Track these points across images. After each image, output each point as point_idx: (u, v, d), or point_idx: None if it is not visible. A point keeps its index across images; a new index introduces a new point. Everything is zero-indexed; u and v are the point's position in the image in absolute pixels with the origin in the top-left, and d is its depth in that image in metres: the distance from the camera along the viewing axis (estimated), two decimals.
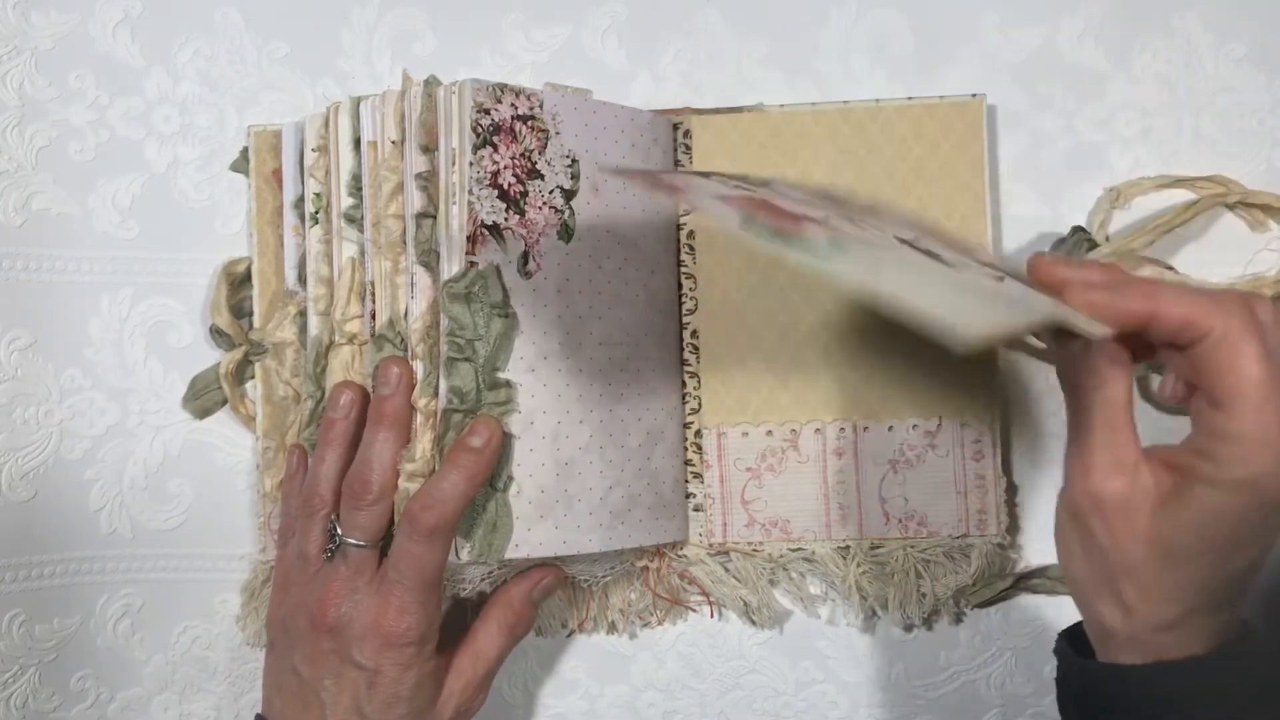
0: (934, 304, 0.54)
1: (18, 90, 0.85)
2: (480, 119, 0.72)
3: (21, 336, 0.84)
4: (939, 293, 0.57)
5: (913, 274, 0.58)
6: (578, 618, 0.85)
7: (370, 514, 0.72)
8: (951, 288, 0.58)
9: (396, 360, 0.74)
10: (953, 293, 0.57)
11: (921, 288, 0.56)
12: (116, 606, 0.85)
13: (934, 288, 0.57)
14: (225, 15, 0.88)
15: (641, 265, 0.80)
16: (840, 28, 0.86)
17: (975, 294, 0.58)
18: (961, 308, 0.55)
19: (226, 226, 0.87)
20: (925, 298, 0.55)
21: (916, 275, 0.58)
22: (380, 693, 0.71)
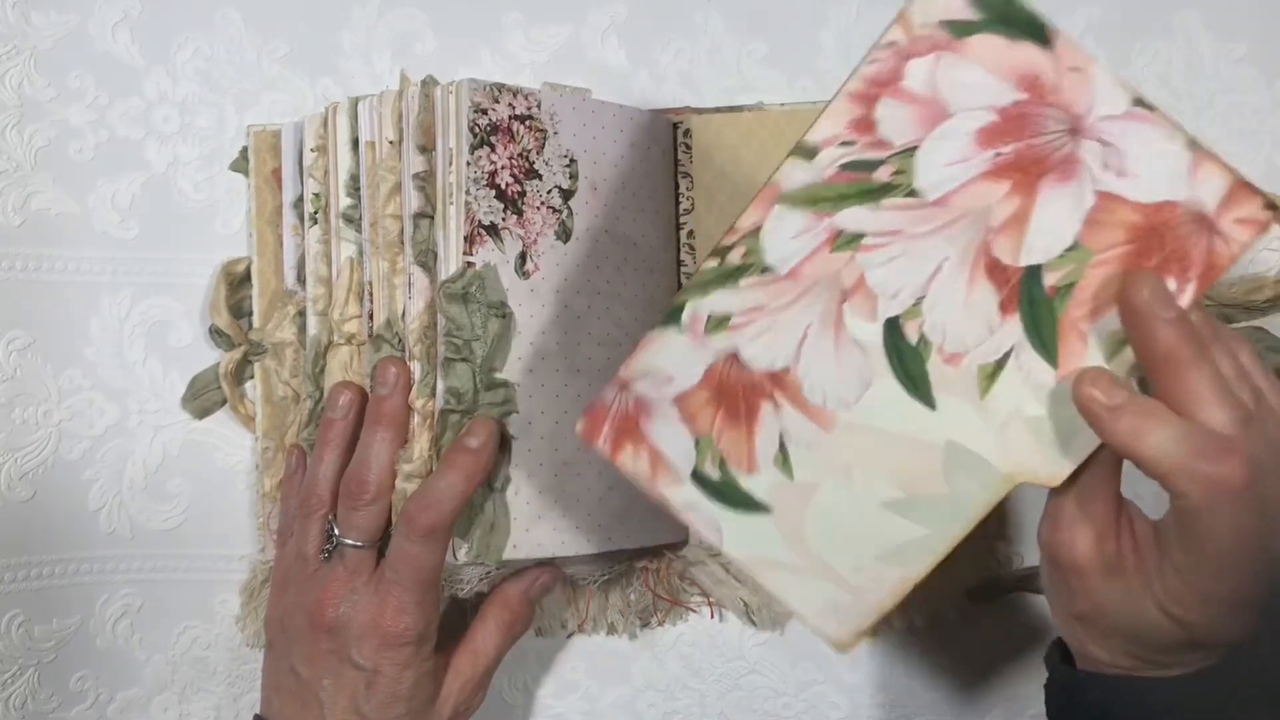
0: (804, 604, 0.65)
1: (17, 90, 0.85)
2: (477, 119, 0.72)
3: (20, 336, 0.84)
4: (815, 589, 0.65)
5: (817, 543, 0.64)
6: (578, 618, 0.85)
7: (367, 514, 0.71)
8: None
9: (394, 360, 0.73)
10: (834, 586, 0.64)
11: (805, 581, 0.64)
12: (116, 607, 0.85)
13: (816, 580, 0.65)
14: (225, 15, 0.87)
15: (641, 265, 0.80)
16: (841, 26, 0.86)
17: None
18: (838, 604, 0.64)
19: (226, 226, 0.87)
20: (799, 596, 0.65)
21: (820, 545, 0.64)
22: (379, 692, 0.71)
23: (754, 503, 0.64)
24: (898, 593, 0.64)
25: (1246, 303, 0.80)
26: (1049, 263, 0.60)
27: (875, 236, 0.61)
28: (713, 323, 0.64)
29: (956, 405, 0.62)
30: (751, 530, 0.64)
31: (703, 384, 0.64)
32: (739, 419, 0.64)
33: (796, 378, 0.63)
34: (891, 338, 0.62)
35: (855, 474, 0.63)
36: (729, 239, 0.63)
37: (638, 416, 0.65)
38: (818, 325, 0.62)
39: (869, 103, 0.60)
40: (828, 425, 0.63)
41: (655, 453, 0.65)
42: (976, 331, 0.61)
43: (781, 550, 0.64)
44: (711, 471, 0.64)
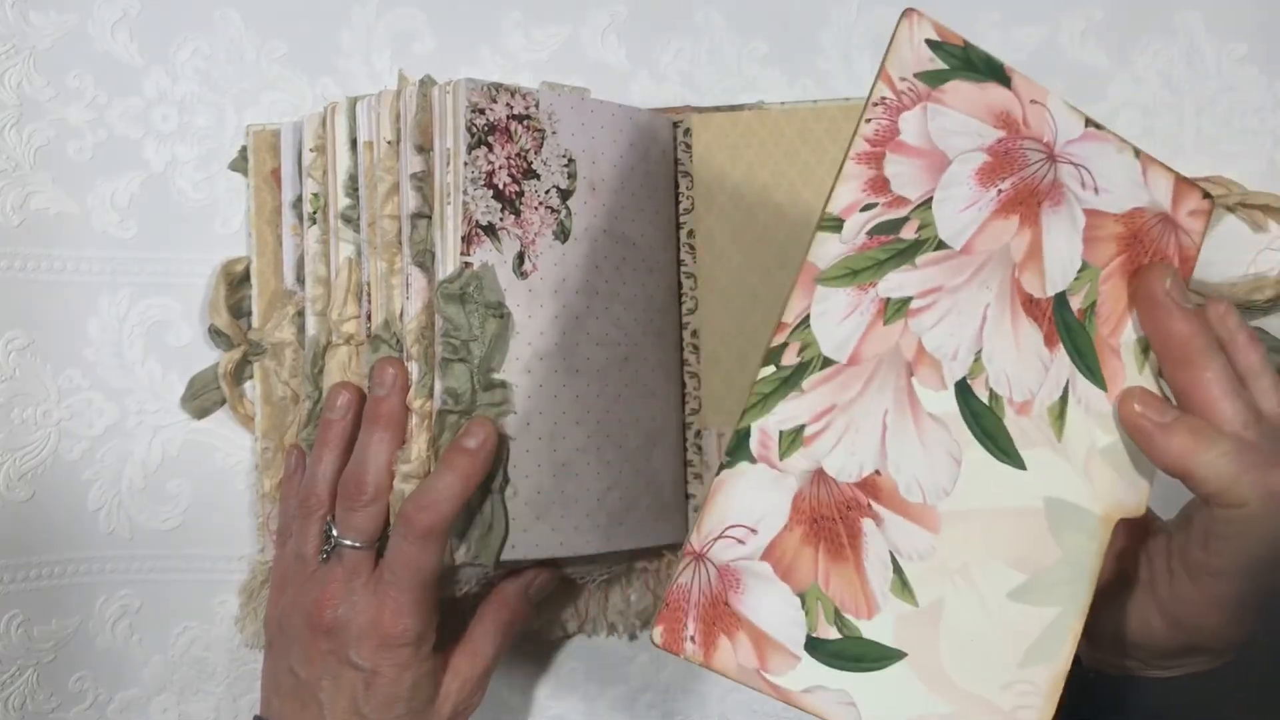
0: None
1: (16, 90, 0.85)
2: (475, 119, 0.72)
3: (20, 336, 0.84)
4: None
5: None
6: (577, 619, 0.85)
7: (365, 515, 0.71)
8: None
9: (392, 361, 0.73)
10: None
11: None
12: (115, 607, 0.85)
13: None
14: (224, 14, 0.87)
15: (640, 265, 0.79)
16: (841, 26, 0.86)
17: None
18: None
19: (225, 226, 0.87)
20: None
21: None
22: (378, 693, 0.71)
23: (884, 651, 0.57)
24: (1052, 698, 0.59)
25: (1247, 302, 0.80)
26: (1069, 287, 0.62)
27: (920, 297, 0.60)
28: (786, 440, 0.58)
29: (1042, 457, 0.60)
30: (889, 689, 0.57)
31: (793, 521, 0.57)
32: (843, 551, 0.57)
33: (890, 479, 0.58)
34: (965, 401, 0.60)
35: (974, 572, 0.59)
36: (778, 338, 0.58)
37: (725, 593, 0.56)
38: (894, 410, 0.59)
39: (877, 161, 0.60)
40: (934, 525, 0.59)
41: (757, 633, 0.56)
42: (1034, 372, 0.61)
43: (926, 699, 0.57)
44: (828, 631, 0.56)
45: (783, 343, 0.58)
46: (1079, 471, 0.61)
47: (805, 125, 0.84)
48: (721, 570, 0.56)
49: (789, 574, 0.56)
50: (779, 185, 0.83)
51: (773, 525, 0.57)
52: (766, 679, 0.55)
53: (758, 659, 0.55)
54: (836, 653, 0.56)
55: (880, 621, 0.57)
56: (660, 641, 0.55)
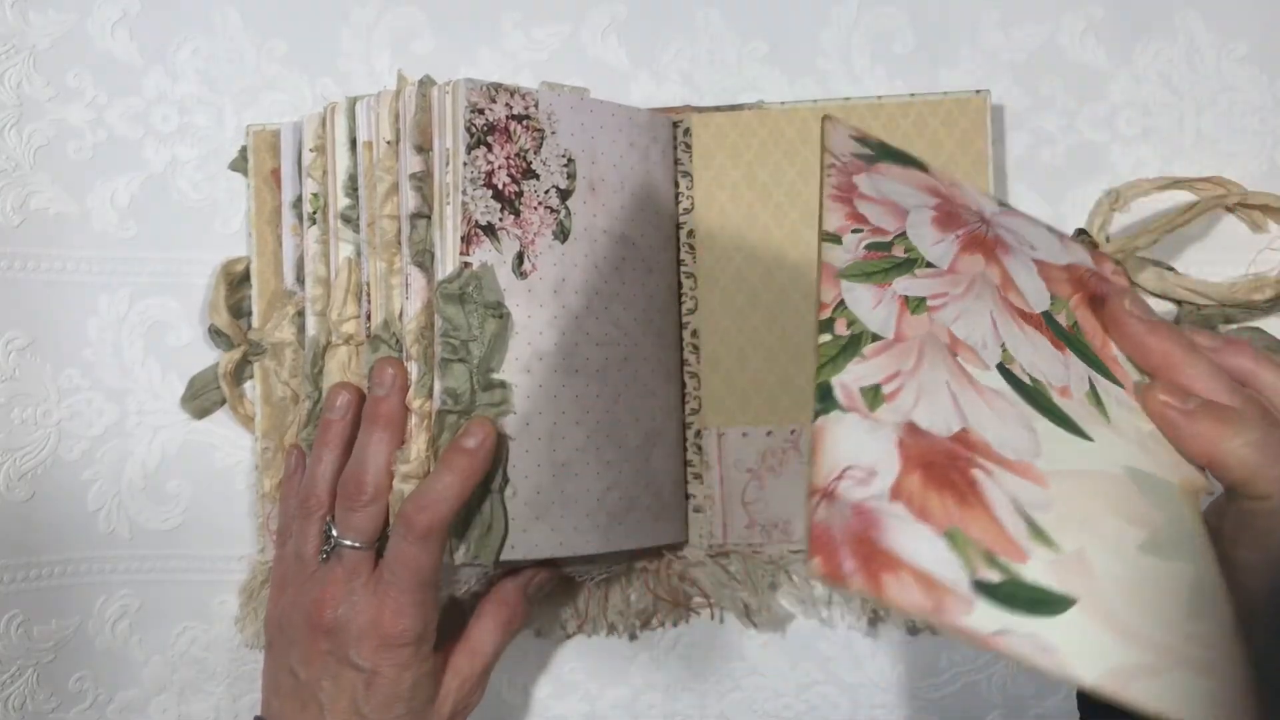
0: (1192, 710, 0.50)
1: (16, 89, 0.85)
2: (474, 119, 0.72)
3: (19, 337, 0.84)
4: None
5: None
6: (577, 619, 0.85)
7: (365, 515, 0.71)
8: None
9: (391, 361, 0.73)
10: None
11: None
12: (115, 607, 0.85)
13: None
14: (224, 14, 0.88)
15: (640, 265, 0.79)
16: (841, 26, 0.86)
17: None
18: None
19: (225, 226, 0.87)
20: (1180, 704, 0.50)
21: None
22: (378, 693, 0.71)
23: (1053, 596, 0.50)
24: (1227, 652, 0.52)
25: (1247, 302, 0.80)
26: (1050, 309, 0.63)
27: (933, 299, 0.60)
28: (869, 395, 0.54)
29: (1102, 433, 0.58)
30: (1074, 635, 0.49)
31: (907, 466, 0.52)
32: (968, 496, 0.52)
33: (978, 435, 0.55)
34: (1011, 381, 0.58)
35: (1099, 526, 0.54)
36: (823, 313, 0.57)
37: (868, 532, 0.50)
38: (954, 381, 0.56)
39: (849, 202, 0.62)
40: (1041, 480, 0.54)
41: (919, 574, 0.49)
42: (1057, 368, 0.60)
43: (1118, 648, 0.50)
44: (989, 574, 0.50)
45: (828, 318, 0.57)
46: (1135, 446, 0.59)
47: (805, 125, 0.84)
48: (856, 509, 0.50)
49: (925, 515, 0.51)
50: (779, 185, 0.83)
51: (888, 469, 0.52)
52: (953, 621, 0.48)
53: (928, 600, 0.49)
54: (1009, 595, 0.50)
55: (1034, 566, 0.51)
56: (820, 573, 0.48)
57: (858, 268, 0.60)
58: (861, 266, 0.60)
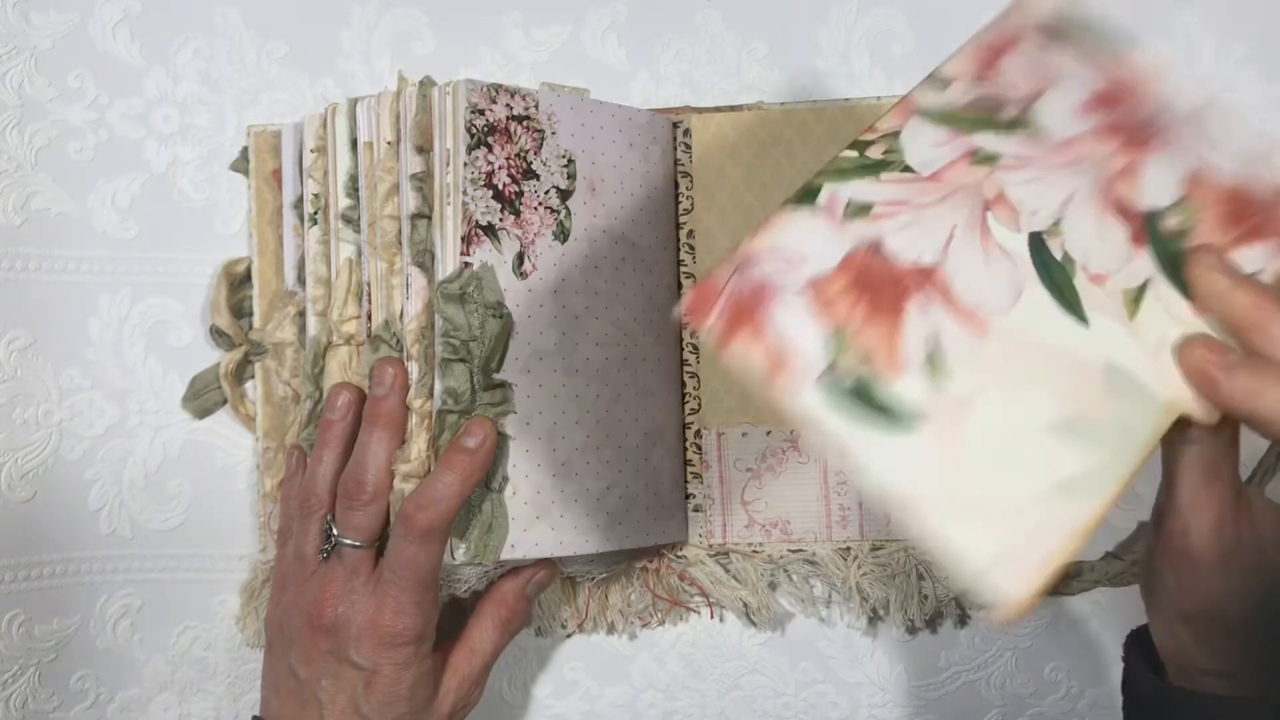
0: (968, 552, 0.53)
1: (17, 90, 0.85)
2: (475, 119, 0.72)
3: (21, 336, 0.84)
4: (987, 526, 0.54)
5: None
6: (577, 618, 0.85)
7: (365, 514, 0.71)
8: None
9: (391, 361, 0.73)
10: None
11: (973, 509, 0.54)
12: (116, 607, 0.85)
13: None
14: (225, 15, 0.88)
15: (640, 265, 0.79)
16: (840, 26, 0.86)
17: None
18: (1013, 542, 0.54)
19: (226, 226, 0.87)
20: (961, 543, 0.53)
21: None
22: (378, 692, 0.71)
23: (901, 414, 0.55)
24: (1077, 536, 0.54)
25: None
26: (1166, 209, 0.61)
27: (1011, 158, 0.61)
28: (852, 209, 0.58)
29: (1109, 325, 0.58)
30: (895, 454, 0.54)
31: (841, 269, 0.57)
32: (883, 313, 0.56)
33: (945, 276, 0.57)
34: (1037, 251, 0.59)
35: (1013, 390, 0.56)
36: (867, 135, 0.60)
37: (758, 301, 0.56)
38: (964, 227, 0.59)
39: (995, 52, 0.63)
40: (981, 331, 0.57)
41: (778, 344, 0.55)
42: (1115, 258, 0.59)
43: (934, 481, 0.54)
44: (848, 374, 0.55)
45: (870, 140, 0.60)
46: (1147, 352, 0.58)
47: (805, 125, 0.84)
48: (761, 281, 0.56)
49: (825, 310, 0.56)
50: (779, 185, 0.83)
51: (820, 266, 0.57)
52: (772, 389, 0.55)
53: (770, 367, 0.55)
54: (847, 394, 0.55)
55: (903, 388, 0.55)
56: (684, 309, 0.56)
57: (946, 112, 0.61)
58: (951, 112, 0.61)
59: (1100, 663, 0.83)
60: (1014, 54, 0.64)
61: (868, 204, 0.59)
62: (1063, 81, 0.63)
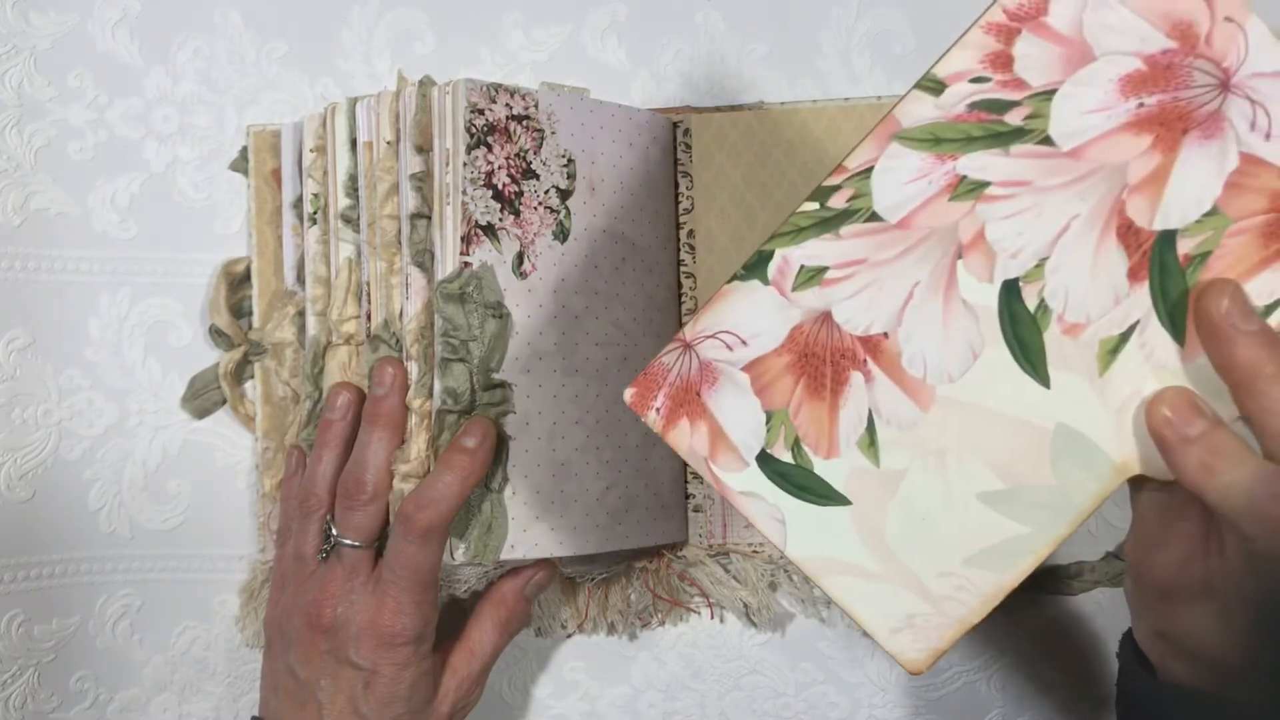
0: (876, 618, 0.59)
1: (16, 90, 0.85)
2: (474, 119, 0.72)
3: (20, 336, 0.84)
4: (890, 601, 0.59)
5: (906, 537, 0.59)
6: (577, 618, 0.85)
7: (364, 514, 0.71)
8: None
9: (391, 361, 0.73)
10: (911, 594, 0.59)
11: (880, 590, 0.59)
12: (115, 607, 0.85)
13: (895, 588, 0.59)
14: (224, 15, 0.88)
15: (639, 265, 0.79)
16: (841, 26, 0.86)
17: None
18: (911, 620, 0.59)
19: (226, 226, 0.87)
20: (870, 608, 0.59)
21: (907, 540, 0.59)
22: (377, 692, 0.71)
23: (830, 492, 0.58)
24: (987, 603, 0.58)
25: None
26: (1185, 229, 0.57)
27: (1001, 186, 0.57)
28: (805, 275, 0.58)
29: (1072, 383, 0.57)
30: (822, 526, 0.58)
31: (784, 348, 0.58)
32: (823, 391, 0.58)
33: (895, 345, 0.58)
34: (1008, 302, 0.57)
35: (950, 460, 0.58)
36: (833, 179, 0.57)
37: (700, 385, 0.59)
38: (926, 284, 0.58)
39: (1008, 37, 0.57)
40: (925, 403, 0.58)
41: (717, 428, 0.59)
42: (1102, 300, 0.57)
43: (856, 550, 0.58)
44: (783, 453, 0.59)
45: (835, 185, 0.58)
46: (1109, 411, 0.57)
47: (805, 125, 0.84)
48: (704, 365, 0.59)
49: (764, 391, 0.59)
50: (779, 185, 0.83)
51: (764, 345, 0.59)
52: (711, 469, 0.59)
53: (709, 450, 0.59)
54: (783, 474, 0.59)
55: (836, 465, 0.58)
56: (629, 401, 0.60)
57: (932, 130, 0.57)
58: (938, 130, 0.57)
59: (1101, 663, 0.83)
60: (1035, 28, 0.57)
61: (821, 268, 0.58)
62: (1101, 54, 0.57)
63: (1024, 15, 0.57)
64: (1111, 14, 0.56)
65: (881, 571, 0.59)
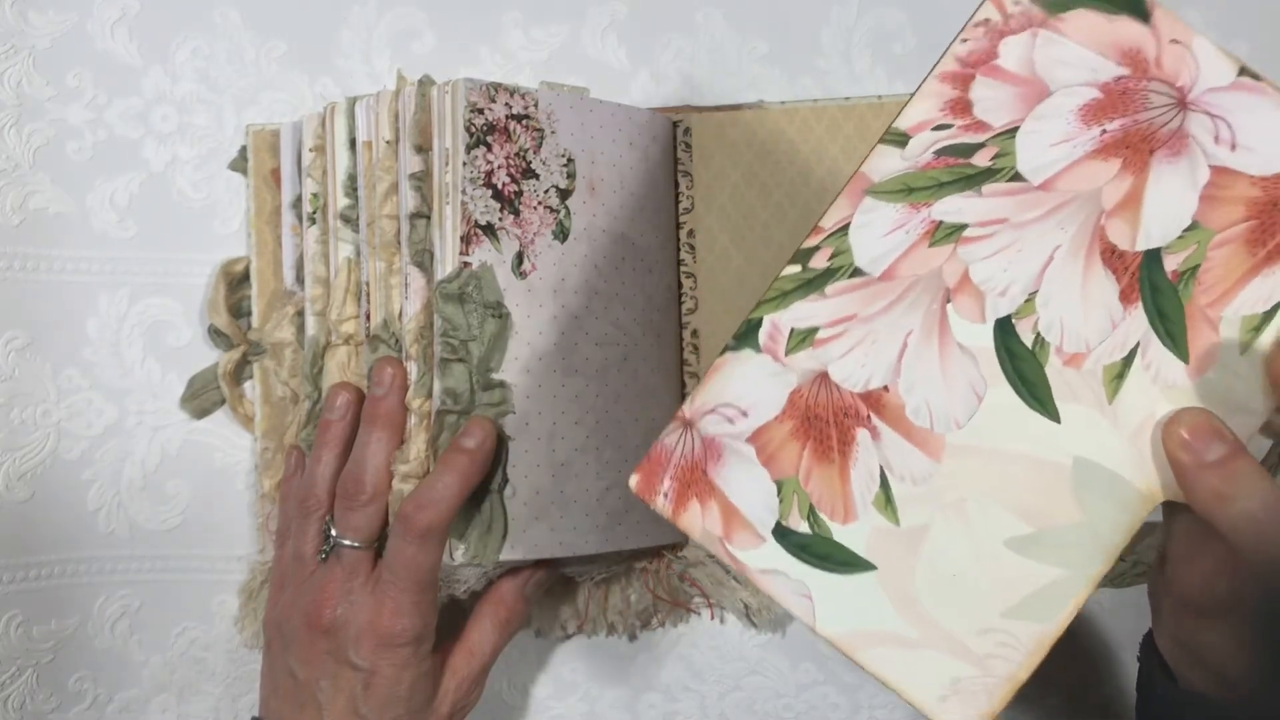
0: (920, 687, 0.56)
1: (15, 89, 0.85)
2: (474, 118, 0.72)
3: (19, 336, 0.84)
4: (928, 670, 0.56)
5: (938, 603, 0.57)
6: (577, 619, 0.85)
7: (364, 514, 0.71)
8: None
9: (390, 361, 0.73)
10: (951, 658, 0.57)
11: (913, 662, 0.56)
12: (114, 607, 0.85)
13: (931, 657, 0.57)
14: (224, 14, 0.87)
15: (639, 264, 0.79)
16: (841, 25, 0.86)
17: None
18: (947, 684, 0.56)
19: (225, 226, 0.87)
20: (913, 678, 0.56)
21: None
22: (377, 693, 0.71)
23: (853, 559, 0.56)
24: (1034, 656, 0.56)
25: None
26: (1168, 245, 0.57)
27: (978, 226, 0.57)
28: (796, 338, 0.57)
29: (1083, 414, 0.56)
30: (851, 596, 0.56)
31: (786, 414, 0.57)
32: (830, 454, 0.57)
33: (897, 397, 0.57)
34: (1004, 340, 0.57)
35: (971, 509, 0.56)
36: (812, 240, 0.57)
37: (705, 463, 0.58)
38: (919, 332, 0.57)
39: (963, 83, 0.58)
40: (936, 453, 0.57)
41: (728, 505, 0.57)
42: (1098, 326, 0.57)
43: (889, 618, 0.56)
44: (799, 523, 0.57)
45: (814, 246, 0.57)
46: (1125, 438, 0.56)
47: (805, 125, 0.83)
48: (706, 441, 0.58)
49: (771, 461, 0.57)
50: (779, 185, 0.83)
51: (764, 413, 0.57)
52: (728, 549, 0.57)
53: (724, 529, 0.57)
54: (803, 545, 0.57)
55: (855, 529, 0.57)
56: (634, 488, 0.58)
57: (902, 181, 0.57)
58: (909, 180, 0.57)
59: (1103, 663, 0.83)
60: (988, 71, 0.58)
61: (811, 329, 0.58)
62: (1056, 88, 0.58)
63: (976, 60, 0.58)
64: (1060, 49, 0.58)
65: (919, 637, 0.56)
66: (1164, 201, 0.57)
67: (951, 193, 0.57)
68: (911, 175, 0.57)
